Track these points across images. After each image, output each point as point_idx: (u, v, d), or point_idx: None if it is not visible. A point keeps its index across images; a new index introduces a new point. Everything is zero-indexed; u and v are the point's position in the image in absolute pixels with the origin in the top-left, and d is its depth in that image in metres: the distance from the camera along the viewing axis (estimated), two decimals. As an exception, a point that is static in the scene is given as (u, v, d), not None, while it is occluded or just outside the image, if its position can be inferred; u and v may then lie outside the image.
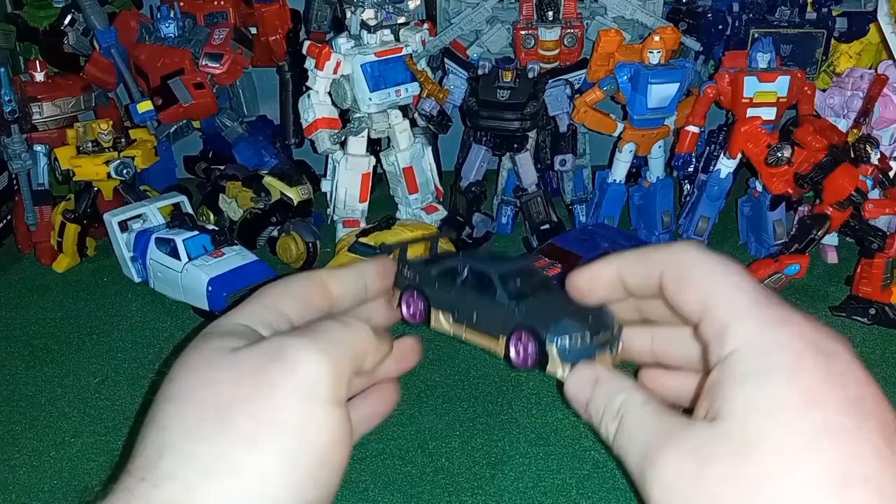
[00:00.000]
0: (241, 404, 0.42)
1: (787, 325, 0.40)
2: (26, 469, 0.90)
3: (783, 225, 1.36)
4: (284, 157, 1.63)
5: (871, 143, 1.18)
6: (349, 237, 1.37)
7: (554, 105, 1.37)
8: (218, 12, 1.54)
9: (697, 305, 0.43)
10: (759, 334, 0.40)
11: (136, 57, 1.50)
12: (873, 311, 1.16)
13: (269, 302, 0.51)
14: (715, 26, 1.44)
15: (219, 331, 0.47)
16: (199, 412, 0.42)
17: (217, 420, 0.41)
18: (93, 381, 1.07)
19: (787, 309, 0.41)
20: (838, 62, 1.54)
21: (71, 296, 1.30)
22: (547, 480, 0.87)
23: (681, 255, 0.45)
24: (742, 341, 0.40)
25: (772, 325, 0.40)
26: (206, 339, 0.46)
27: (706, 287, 0.43)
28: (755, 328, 0.40)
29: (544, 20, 1.35)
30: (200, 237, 1.23)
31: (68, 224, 1.35)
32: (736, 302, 0.41)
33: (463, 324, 0.84)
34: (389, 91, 1.38)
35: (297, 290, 0.52)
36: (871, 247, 1.17)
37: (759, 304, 0.41)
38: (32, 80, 1.42)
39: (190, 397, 0.43)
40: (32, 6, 1.58)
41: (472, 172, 1.40)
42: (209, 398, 0.42)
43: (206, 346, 0.46)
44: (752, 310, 0.41)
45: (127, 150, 1.35)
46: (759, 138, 1.22)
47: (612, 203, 1.43)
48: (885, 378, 1.06)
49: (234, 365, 0.43)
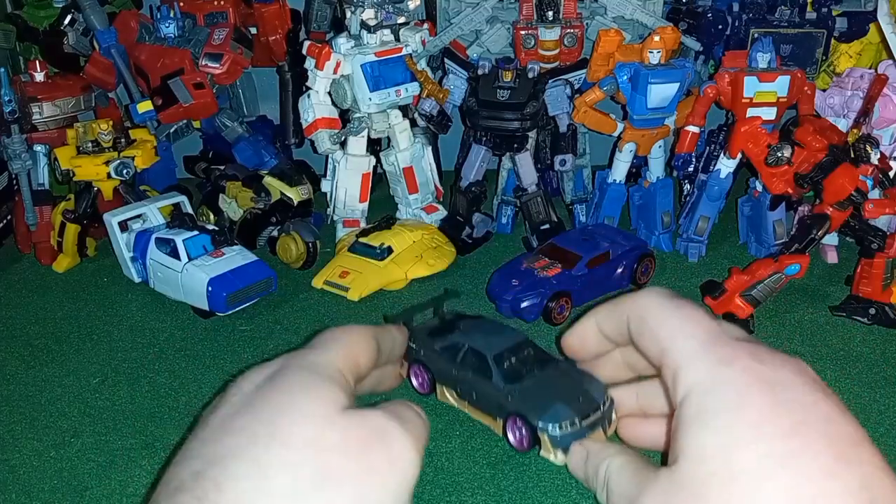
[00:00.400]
0: (348, 480, 0.42)
1: (733, 363, 0.43)
2: (26, 469, 0.91)
3: (783, 225, 1.36)
4: (284, 157, 1.63)
5: (871, 142, 1.17)
6: (349, 237, 1.38)
7: (554, 105, 1.37)
8: (218, 12, 1.54)
9: (655, 352, 0.47)
10: (706, 376, 0.43)
11: (136, 57, 1.50)
12: (873, 311, 1.16)
13: (353, 352, 0.53)
14: (715, 26, 1.44)
15: (324, 371, 0.48)
16: (308, 472, 0.42)
17: (322, 487, 0.42)
18: (93, 381, 1.07)
19: (735, 347, 0.44)
20: (838, 62, 1.54)
21: (71, 296, 1.30)
22: (547, 480, 0.87)
23: (640, 305, 0.49)
24: (692, 384, 0.43)
25: (718, 365, 0.43)
26: (312, 375, 0.47)
27: (660, 334, 0.47)
28: (703, 370, 0.43)
29: (544, 20, 1.35)
30: (200, 237, 1.23)
31: (68, 224, 1.35)
32: (685, 348, 0.45)
33: (465, 400, 0.91)
34: (389, 91, 1.39)
35: (366, 348, 0.55)
36: (871, 247, 1.17)
37: (706, 347, 0.44)
38: (32, 80, 1.43)
39: (299, 449, 0.43)
40: (32, 6, 1.58)
41: (472, 172, 1.40)
42: (320, 461, 0.42)
43: (316, 387, 0.46)
44: (700, 353, 0.44)
45: (127, 150, 1.35)
46: (759, 138, 1.22)
47: (612, 203, 1.43)
48: (886, 378, 1.06)
49: (345, 432, 0.44)
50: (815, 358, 1.10)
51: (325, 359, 0.50)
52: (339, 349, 0.52)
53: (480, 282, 1.29)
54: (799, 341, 1.15)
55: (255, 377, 0.50)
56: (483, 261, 1.39)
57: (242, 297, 1.20)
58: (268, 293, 1.24)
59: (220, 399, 0.49)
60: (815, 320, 1.20)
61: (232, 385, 0.50)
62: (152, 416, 0.99)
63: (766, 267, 1.15)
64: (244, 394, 0.48)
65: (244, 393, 0.48)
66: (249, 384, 0.49)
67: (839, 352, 1.12)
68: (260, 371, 0.50)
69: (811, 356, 1.11)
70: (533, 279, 1.19)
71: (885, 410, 0.99)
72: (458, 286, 1.31)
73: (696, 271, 1.36)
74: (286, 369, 0.49)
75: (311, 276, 1.31)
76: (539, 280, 1.19)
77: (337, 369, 0.49)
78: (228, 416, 0.46)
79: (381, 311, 1.24)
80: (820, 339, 1.15)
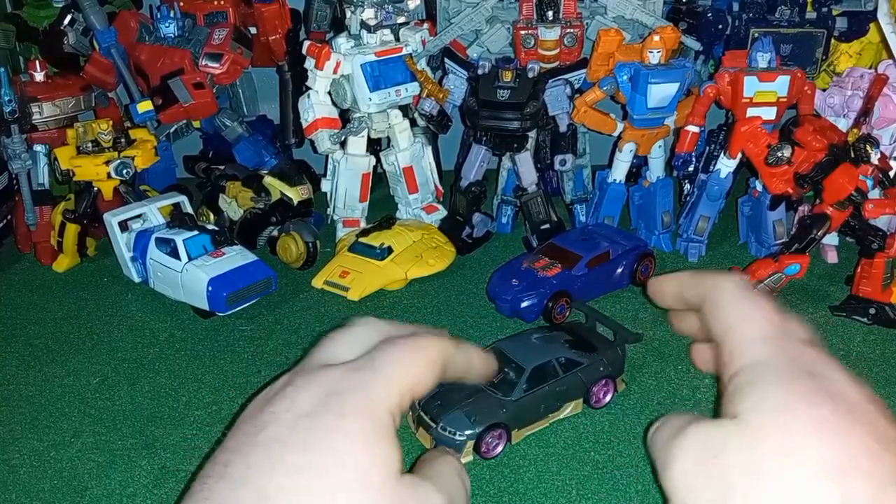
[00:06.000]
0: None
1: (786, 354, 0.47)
2: (26, 469, 0.91)
3: (783, 225, 1.36)
4: (284, 156, 1.63)
5: (871, 142, 1.17)
6: (349, 237, 1.38)
7: (554, 105, 1.37)
8: (218, 12, 1.54)
9: (720, 330, 0.51)
10: (761, 357, 0.47)
11: (136, 57, 1.50)
12: (873, 310, 1.16)
13: (416, 387, 0.50)
14: (715, 26, 1.44)
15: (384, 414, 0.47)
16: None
17: None
18: (93, 381, 1.07)
19: (789, 342, 0.49)
20: (838, 62, 1.53)
21: (71, 296, 1.30)
22: (547, 482, 0.87)
23: (719, 286, 0.53)
24: (744, 361, 0.47)
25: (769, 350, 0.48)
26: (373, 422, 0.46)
27: (729, 315, 0.51)
28: (760, 352, 0.47)
29: (544, 20, 1.35)
30: (200, 237, 1.23)
31: (68, 224, 1.35)
32: (748, 331, 0.49)
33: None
34: (389, 91, 1.38)
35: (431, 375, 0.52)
36: (871, 246, 1.17)
37: (766, 334, 0.49)
38: (32, 80, 1.43)
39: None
40: (32, 6, 1.58)
41: (472, 172, 1.40)
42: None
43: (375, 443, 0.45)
44: (759, 338, 0.48)
45: (127, 150, 1.35)
46: (759, 138, 1.22)
47: (612, 203, 1.43)
48: (886, 378, 1.06)
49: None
50: (815, 358, 1.10)
51: (386, 396, 0.47)
52: (402, 384, 0.48)
53: (480, 282, 1.29)
54: (799, 341, 1.14)
55: (307, 394, 0.47)
56: (483, 261, 1.39)
57: (242, 297, 1.20)
58: (268, 293, 1.24)
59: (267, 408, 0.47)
60: (815, 320, 1.20)
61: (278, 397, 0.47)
62: (152, 416, 0.99)
63: (766, 267, 1.15)
64: (295, 414, 0.46)
65: (295, 413, 0.46)
66: (302, 402, 0.47)
67: (839, 352, 1.12)
68: (313, 385, 0.47)
69: (811, 356, 1.11)
70: (533, 279, 1.19)
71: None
72: (458, 286, 1.31)
73: (696, 271, 1.35)
74: (342, 398, 0.46)
75: (311, 276, 1.31)
76: (539, 280, 1.19)
77: (392, 414, 0.47)
78: (280, 443, 0.44)
79: (381, 311, 1.24)
80: (820, 339, 1.15)
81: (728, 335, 0.49)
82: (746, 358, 0.47)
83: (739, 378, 0.46)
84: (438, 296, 1.28)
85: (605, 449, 0.92)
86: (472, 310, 1.24)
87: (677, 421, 0.47)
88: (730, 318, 0.50)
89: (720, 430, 0.44)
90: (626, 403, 1.00)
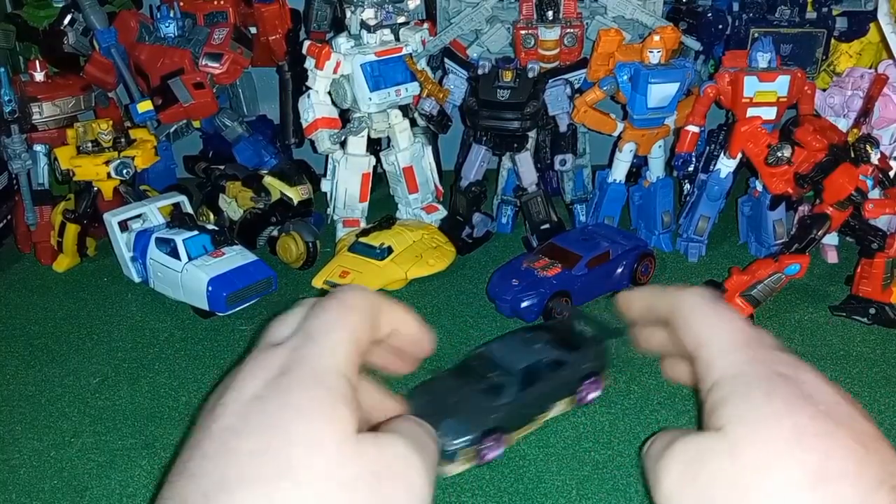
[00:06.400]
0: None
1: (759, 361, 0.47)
2: (26, 469, 0.91)
3: (783, 225, 1.36)
4: (284, 156, 1.63)
5: (871, 142, 1.17)
6: (349, 237, 1.38)
7: (554, 105, 1.37)
8: (218, 12, 1.54)
9: (692, 344, 0.51)
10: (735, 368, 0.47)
11: (136, 57, 1.50)
12: (873, 310, 1.16)
13: (360, 345, 0.49)
14: (715, 26, 1.44)
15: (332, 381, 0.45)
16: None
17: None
18: (93, 381, 1.07)
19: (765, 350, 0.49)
20: (838, 62, 1.54)
21: (71, 296, 1.30)
22: (547, 482, 0.87)
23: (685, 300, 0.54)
24: (723, 372, 0.48)
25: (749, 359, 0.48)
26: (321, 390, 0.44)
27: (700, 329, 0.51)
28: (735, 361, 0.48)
29: (544, 20, 1.35)
30: (200, 237, 1.23)
31: (68, 224, 1.35)
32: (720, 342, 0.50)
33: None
34: (389, 91, 1.38)
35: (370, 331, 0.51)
36: (871, 246, 1.17)
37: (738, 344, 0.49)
38: (32, 80, 1.43)
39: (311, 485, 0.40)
40: (32, 6, 1.58)
41: (472, 172, 1.40)
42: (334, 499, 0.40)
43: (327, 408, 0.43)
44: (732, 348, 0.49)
45: (127, 150, 1.35)
46: (759, 138, 1.22)
47: (612, 203, 1.43)
48: (886, 378, 1.06)
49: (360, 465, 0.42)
50: (815, 358, 1.10)
51: (332, 362, 0.46)
52: (343, 344, 0.47)
53: (480, 282, 1.29)
54: (799, 341, 1.15)
55: (252, 379, 0.47)
56: (483, 261, 1.39)
57: (242, 296, 1.20)
58: (268, 293, 1.24)
59: (218, 401, 0.47)
60: (815, 320, 1.20)
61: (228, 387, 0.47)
62: (152, 416, 0.99)
63: (766, 267, 1.15)
64: (244, 401, 0.45)
65: (244, 400, 0.45)
66: (249, 388, 0.47)
67: (839, 352, 1.12)
68: (257, 370, 0.47)
69: (811, 356, 1.11)
70: (533, 279, 1.19)
71: (886, 410, 0.99)
72: (458, 286, 1.31)
73: (696, 271, 1.36)
74: (289, 376, 0.46)
75: (311, 276, 1.31)
76: (539, 280, 1.19)
77: (344, 375, 0.47)
78: (232, 431, 0.44)
79: (381, 311, 1.24)
80: (820, 339, 1.15)
81: (700, 349, 0.50)
82: (721, 369, 0.47)
83: (717, 390, 0.46)
84: (438, 296, 1.28)
85: (605, 449, 0.92)
86: (472, 310, 1.24)
87: (667, 436, 0.48)
88: (700, 332, 0.51)
89: (703, 444, 0.44)
90: (626, 403, 1.00)
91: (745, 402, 0.45)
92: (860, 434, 0.42)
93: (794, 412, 0.43)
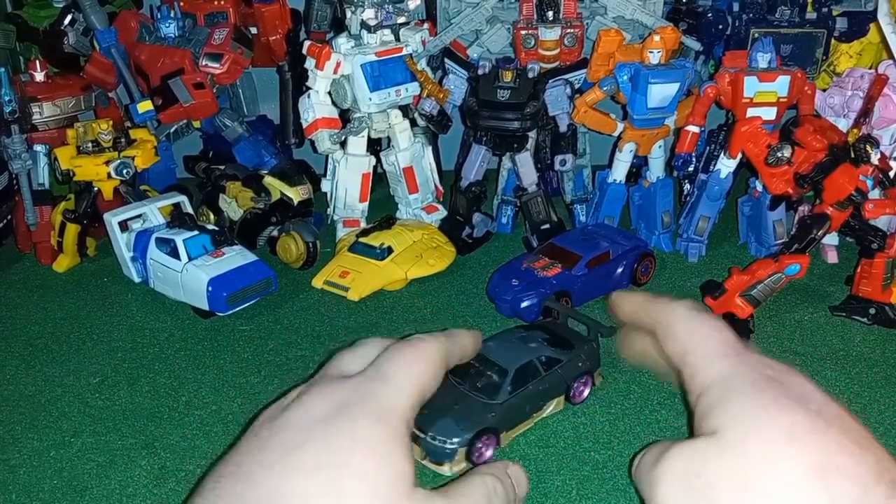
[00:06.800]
0: None
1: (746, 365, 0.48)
2: (26, 469, 0.91)
3: (783, 225, 1.36)
4: (284, 156, 1.63)
5: (871, 142, 1.17)
6: (349, 237, 1.38)
7: (554, 105, 1.37)
8: (218, 12, 1.54)
9: (678, 353, 0.53)
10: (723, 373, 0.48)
11: (137, 57, 1.50)
12: (873, 310, 1.16)
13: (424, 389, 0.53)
14: (715, 26, 1.44)
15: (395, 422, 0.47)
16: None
17: None
18: (93, 381, 1.07)
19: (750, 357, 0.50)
20: (838, 62, 1.54)
21: (71, 296, 1.30)
22: (547, 482, 0.87)
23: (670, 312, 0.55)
24: (711, 378, 0.49)
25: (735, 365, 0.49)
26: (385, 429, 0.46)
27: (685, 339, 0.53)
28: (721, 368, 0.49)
29: (544, 20, 1.35)
30: (200, 237, 1.23)
31: (68, 224, 1.35)
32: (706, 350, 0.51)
33: None
34: (389, 91, 1.38)
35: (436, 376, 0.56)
36: (871, 247, 1.17)
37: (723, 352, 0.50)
38: (32, 80, 1.43)
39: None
40: (32, 6, 1.58)
41: (472, 172, 1.40)
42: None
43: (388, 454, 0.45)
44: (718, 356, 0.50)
45: (127, 150, 1.35)
46: (759, 138, 1.22)
47: (612, 203, 1.43)
48: (886, 378, 1.06)
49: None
50: (815, 358, 1.10)
51: (399, 404, 0.48)
52: (411, 388, 0.50)
53: (480, 282, 1.29)
54: (799, 341, 1.15)
55: (322, 403, 0.48)
56: (483, 261, 1.39)
57: (242, 297, 1.20)
58: (268, 293, 1.24)
59: (280, 417, 0.47)
60: (815, 320, 1.20)
61: (291, 407, 0.48)
62: (152, 416, 0.99)
63: (766, 267, 1.15)
64: (310, 421, 0.46)
65: (310, 420, 0.47)
66: (317, 410, 0.47)
67: (839, 352, 1.12)
68: (326, 395, 0.48)
69: (811, 356, 1.11)
70: (533, 279, 1.19)
71: (885, 410, 0.99)
72: (458, 286, 1.31)
73: (696, 271, 1.36)
74: (357, 407, 0.47)
75: (311, 276, 1.31)
76: (539, 280, 1.19)
77: (406, 420, 0.48)
78: (295, 447, 0.45)
79: (381, 311, 1.24)
80: (820, 339, 1.15)
81: (687, 358, 0.51)
82: (711, 376, 0.48)
83: (709, 396, 0.47)
84: (438, 296, 1.28)
85: (605, 449, 0.92)
86: (472, 310, 1.24)
87: (658, 447, 0.49)
88: (686, 341, 0.52)
89: (701, 448, 0.45)
90: (626, 403, 1.00)
91: (738, 404, 0.45)
92: (851, 432, 0.43)
93: (787, 412, 0.43)
